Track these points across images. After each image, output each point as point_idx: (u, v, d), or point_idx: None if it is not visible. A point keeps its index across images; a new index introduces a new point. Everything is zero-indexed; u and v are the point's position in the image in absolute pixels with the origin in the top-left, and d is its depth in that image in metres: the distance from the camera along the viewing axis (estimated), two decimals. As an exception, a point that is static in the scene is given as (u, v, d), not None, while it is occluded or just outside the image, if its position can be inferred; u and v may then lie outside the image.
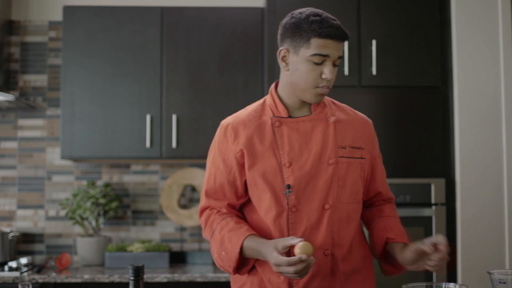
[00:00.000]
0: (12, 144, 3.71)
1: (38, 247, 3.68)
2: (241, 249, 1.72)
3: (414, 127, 3.16)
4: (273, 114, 1.81)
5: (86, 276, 3.08)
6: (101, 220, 3.61)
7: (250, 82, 3.45)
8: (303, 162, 1.75)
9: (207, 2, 3.74)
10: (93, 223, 3.57)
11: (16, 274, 3.07)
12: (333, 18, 1.73)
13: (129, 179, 3.74)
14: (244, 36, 3.47)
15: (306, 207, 1.75)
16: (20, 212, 3.69)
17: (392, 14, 3.21)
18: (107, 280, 3.08)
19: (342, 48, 1.73)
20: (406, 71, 3.19)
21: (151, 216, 3.73)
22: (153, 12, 3.47)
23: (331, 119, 1.80)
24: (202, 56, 3.46)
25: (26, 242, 3.67)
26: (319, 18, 1.70)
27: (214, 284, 3.11)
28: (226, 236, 1.75)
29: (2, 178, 3.70)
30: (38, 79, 3.74)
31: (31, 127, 3.72)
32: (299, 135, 1.78)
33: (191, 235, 3.73)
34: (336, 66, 1.75)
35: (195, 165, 3.73)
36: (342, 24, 1.74)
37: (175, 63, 3.44)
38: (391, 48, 3.19)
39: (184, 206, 3.74)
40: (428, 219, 3.07)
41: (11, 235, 3.38)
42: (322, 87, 1.74)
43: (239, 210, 1.88)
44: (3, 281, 3.03)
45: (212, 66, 3.46)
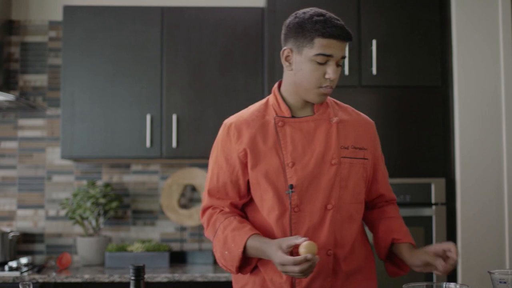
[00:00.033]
0: (12, 144, 3.71)
1: (38, 247, 3.68)
2: (244, 248, 1.72)
3: (414, 126, 3.16)
4: (276, 114, 1.81)
5: (86, 276, 3.08)
6: (101, 220, 3.61)
7: (251, 82, 3.45)
8: (306, 162, 1.75)
9: (208, 2, 3.74)
10: (93, 223, 3.57)
11: (16, 274, 3.07)
12: (337, 18, 1.73)
13: (129, 179, 3.73)
14: (244, 36, 3.47)
15: (308, 207, 1.74)
16: (20, 212, 3.69)
17: (392, 14, 3.21)
18: (107, 280, 3.08)
19: (345, 48, 1.73)
20: (406, 71, 3.19)
21: (151, 216, 3.73)
22: (153, 12, 3.46)
23: (334, 120, 1.80)
24: (203, 56, 3.46)
25: (26, 242, 3.67)
26: (323, 18, 1.70)
27: (214, 284, 3.11)
28: (229, 236, 1.75)
29: (2, 178, 3.70)
30: (38, 79, 3.74)
31: (31, 127, 3.72)
32: (302, 135, 1.78)
33: (191, 235, 3.72)
34: (340, 66, 1.75)
35: (195, 165, 3.73)
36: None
37: (176, 63, 3.44)
38: (391, 48, 3.19)
39: (184, 206, 3.74)
40: (428, 219, 3.07)
41: (11, 235, 3.38)
42: (325, 87, 1.74)
43: (240, 210, 1.88)
44: (3, 281, 3.03)
45: (212, 66, 3.46)
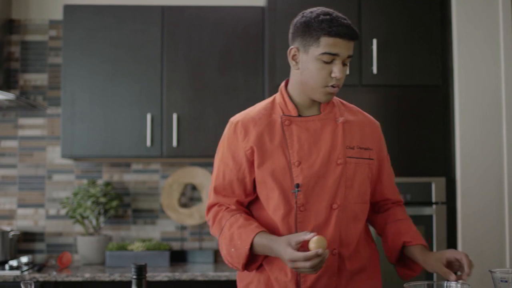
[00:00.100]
0: (12, 143, 3.71)
1: (39, 246, 3.68)
2: (251, 245, 1.72)
3: (415, 126, 3.16)
4: (282, 113, 1.81)
5: (86, 275, 3.08)
6: (101, 219, 3.61)
7: (251, 81, 3.45)
8: (312, 161, 1.75)
9: (208, 1, 3.74)
10: (93, 222, 3.57)
11: (16, 273, 3.07)
12: (343, 17, 1.74)
13: (129, 178, 3.73)
14: (244, 35, 3.47)
15: (314, 207, 1.75)
16: (20, 211, 3.69)
17: (393, 12, 3.21)
18: (107, 279, 3.08)
19: (352, 47, 1.73)
20: (407, 70, 3.19)
21: (151, 215, 3.73)
22: (153, 11, 3.46)
23: (340, 120, 1.81)
24: (203, 55, 3.46)
25: (26, 241, 3.67)
26: (329, 17, 1.71)
27: (214, 283, 3.11)
28: (236, 233, 1.75)
29: (3, 177, 3.70)
30: (38, 78, 3.74)
31: (32, 126, 3.72)
32: (309, 134, 1.78)
33: (192, 233, 3.73)
34: (346, 65, 1.75)
35: (195, 164, 3.73)
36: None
37: (176, 62, 3.44)
38: (392, 46, 3.19)
39: (185, 205, 3.74)
40: (429, 218, 3.07)
41: (11, 234, 3.38)
42: (332, 86, 1.74)
43: (246, 208, 1.88)
44: (4, 280, 3.03)
45: (212, 65, 3.46)
